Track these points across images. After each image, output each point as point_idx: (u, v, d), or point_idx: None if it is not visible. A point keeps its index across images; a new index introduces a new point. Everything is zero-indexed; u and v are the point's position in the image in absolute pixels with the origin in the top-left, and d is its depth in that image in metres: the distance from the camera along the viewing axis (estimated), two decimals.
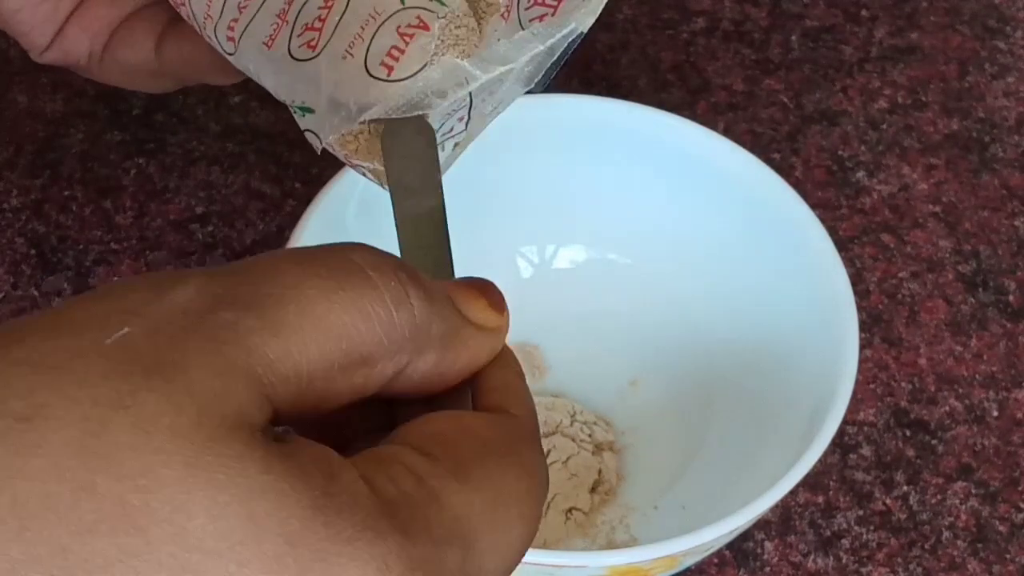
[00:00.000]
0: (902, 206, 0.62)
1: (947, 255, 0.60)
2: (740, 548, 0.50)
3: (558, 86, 0.43)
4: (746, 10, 0.70)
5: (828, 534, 0.51)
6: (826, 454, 0.45)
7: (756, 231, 0.52)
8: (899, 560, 0.51)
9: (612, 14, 0.68)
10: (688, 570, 0.49)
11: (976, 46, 0.69)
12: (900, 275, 0.59)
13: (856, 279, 0.58)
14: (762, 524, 0.51)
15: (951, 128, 0.65)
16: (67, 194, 0.59)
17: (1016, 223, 0.62)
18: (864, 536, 0.51)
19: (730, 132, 0.63)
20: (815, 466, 0.43)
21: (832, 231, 0.52)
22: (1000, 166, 0.64)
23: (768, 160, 0.53)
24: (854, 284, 0.49)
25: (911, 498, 0.52)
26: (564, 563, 0.42)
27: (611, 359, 0.54)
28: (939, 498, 0.52)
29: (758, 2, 0.70)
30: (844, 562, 0.50)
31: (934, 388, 0.56)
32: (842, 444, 0.53)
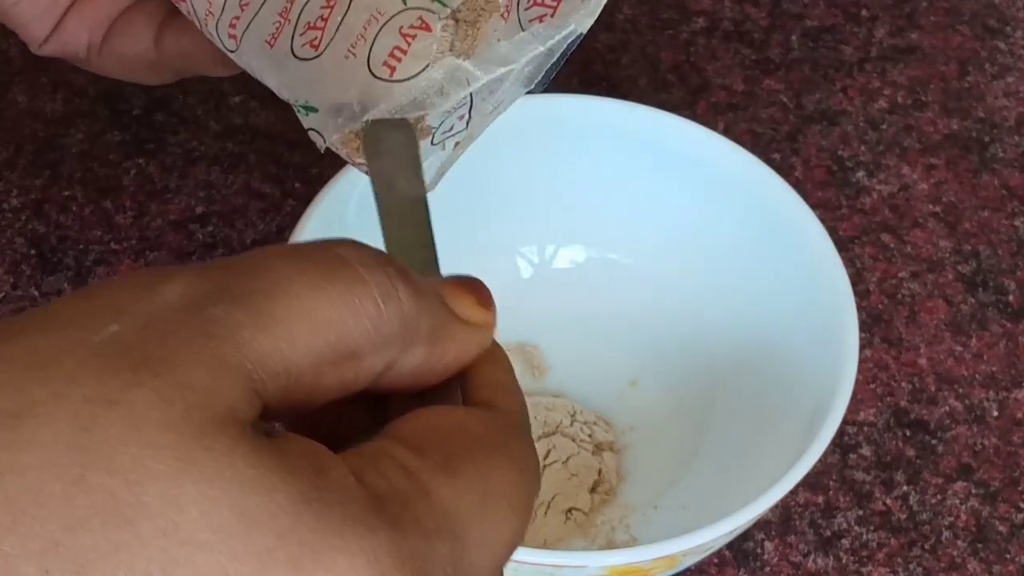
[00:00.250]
0: (902, 206, 0.62)
1: (947, 255, 0.60)
2: (740, 548, 0.50)
3: (558, 86, 0.43)
4: (746, 10, 0.70)
5: (828, 534, 0.51)
6: (826, 454, 0.45)
7: (756, 231, 0.52)
8: (899, 560, 0.51)
9: (612, 14, 0.68)
10: (688, 570, 0.49)
11: (976, 46, 0.69)
12: (900, 275, 0.59)
13: (856, 279, 0.58)
14: (762, 524, 0.51)
15: (951, 128, 0.66)
16: (67, 194, 0.59)
17: (1016, 223, 0.62)
18: (864, 536, 0.51)
19: (730, 132, 0.63)
20: (815, 466, 0.43)
21: (832, 231, 0.52)
22: (1000, 166, 0.64)
23: (768, 160, 0.53)
24: (854, 284, 0.49)
25: (911, 498, 0.52)
26: (564, 563, 0.42)
27: (611, 359, 0.54)
28: (939, 498, 0.52)
29: (758, 2, 0.70)
30: (844, 562, 0.50)
31: (934, 388, 0.56)
32: (842, 444, 0.53)
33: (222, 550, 0.22)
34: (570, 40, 0.39)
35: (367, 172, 0.40)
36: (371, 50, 0.38)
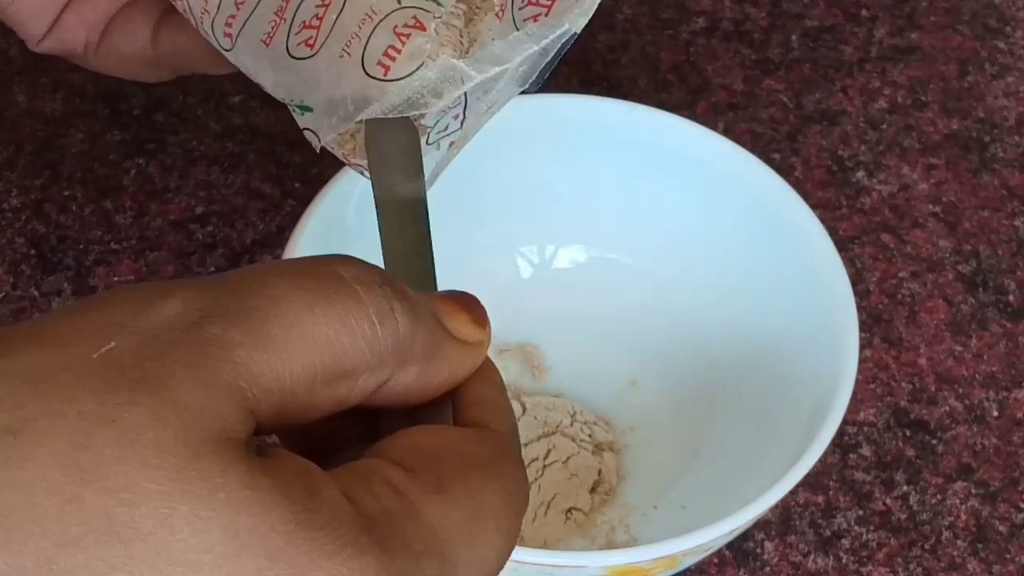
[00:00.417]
0: (902, 206, 0.62)
1: (947, 255, 0.60)
2: (740, 548, 0.50)
3: (558, 86, 0.43)
4: (746, 10, 0.70)
5: (828, 534, 0.51)
6: (826, 454, 0.45)
7: (756, 231, 0.52)
8: (899, 560, 0.51)
9: (612, 14, 0.68)
10: (688, 570, 0.49)
11: (976, 46, 0.69)
12: (900, 275, 0.59)
13: (856, 279, 0.58)
14: (762, 524, 0.51)
15: (951, 128, 0.66)
16: (67, 194, 0.59)
17: (1016, 223, 0.62)
18: (864, 536, 0.51)
19: (730, 132, 0.63)
20: (815, 466, 0.43)
21: (832, 231, 0.52)
22: (1000, 166, 0.64)
23: (768, 160, 0.53)
24: (854, 284, 0.49)
25: (911, 498, 0.52)
26: (564, 563, 0.42)
27: (611, 359, 0.54)
28: (939, 498, 0.52)
29: (758, 2, 0.70)
30: (844, 562, 0.50)
31: (934, 388, 0.56)
32: (842, 444, 0.53)
33: (213, 571, 0.22)
34: (564, 39, 0.39)
35: (363, 173, 0.40)
36: (365, 49, 0.38)
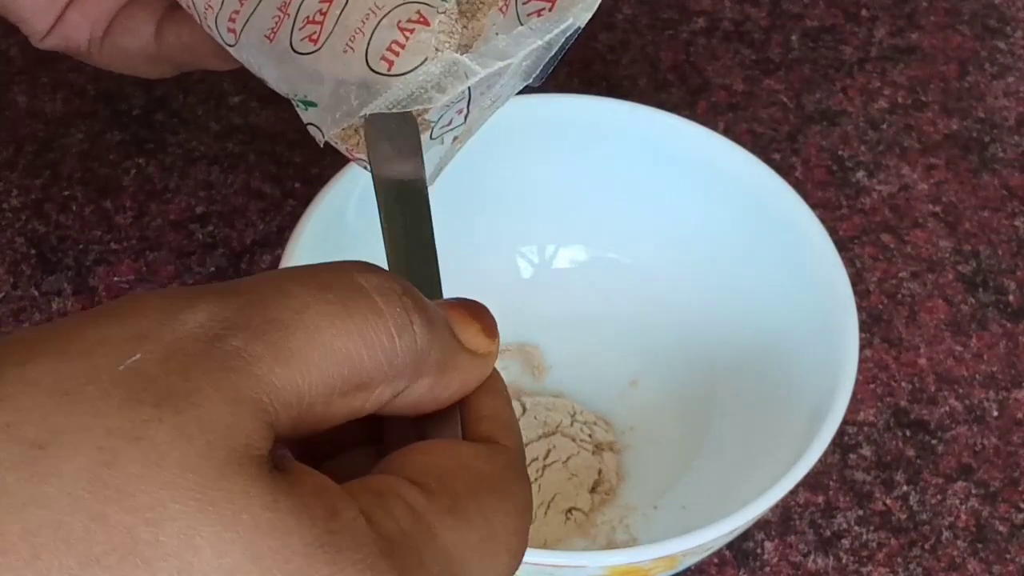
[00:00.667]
0: (902, 206, 0.62)
1: (947, 255, 0.60)
2: (740, 548, 0.50)
3: (558, 86, 0.43)
4: (746, 10, 0.70)
5: (828, 534, 0.51)
6: (826, 454, 0.45)
7: (756, 231, 0.52)
8: (899, 560, 0.51)
9: (612, 14, 0.68)
10: (688, 570, 0.49)
11: (976, 46, 0.69)
12: (900, 275, 0.59)
13: (856, 279, 0.58)
14: (762, 524, 0.51)
15: (951, 128, 0.66)
16: (67, 194, 0.59)
17: (1016, 223, 0.62)
18: (864, 536, 0.51)
19: (730, 132, 0.63)
20: (815, 466, 0.43)
21: (832, 231, 0.52)
22: (1000, 166, 0.64)
23: (768, 160, 0.53)
24: (854, 284, 0.49)
25: (911, 498, 0.52)
26: (564, 563, 0.42)
27: (611, 359, 0.54)
28: (939, 498, 0.52)
29: (758, 2, 0.70)
30: (844, 562, 0.50)
31: (934, 388, 0.56)
32: (842, 444, 0.53)
33: None
34: (568, 34, 0.39)
35: (366, 167, 0.40)
36: (369, 44, 0.38)
